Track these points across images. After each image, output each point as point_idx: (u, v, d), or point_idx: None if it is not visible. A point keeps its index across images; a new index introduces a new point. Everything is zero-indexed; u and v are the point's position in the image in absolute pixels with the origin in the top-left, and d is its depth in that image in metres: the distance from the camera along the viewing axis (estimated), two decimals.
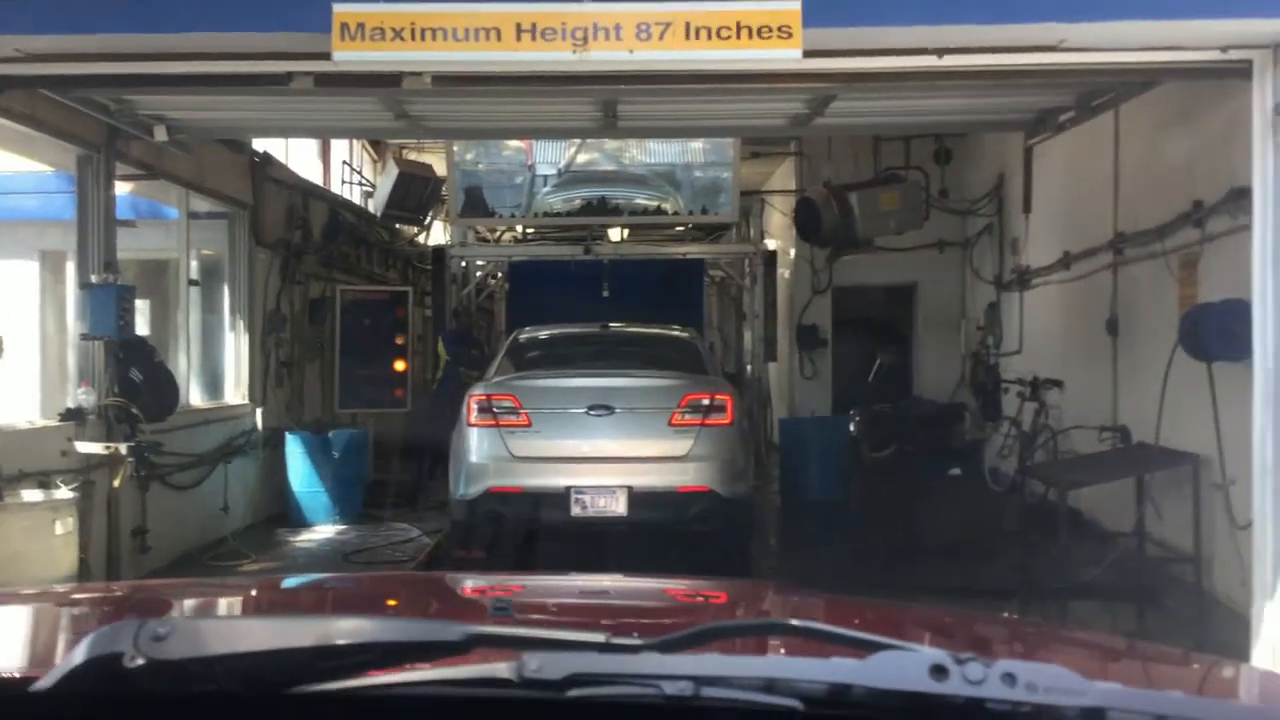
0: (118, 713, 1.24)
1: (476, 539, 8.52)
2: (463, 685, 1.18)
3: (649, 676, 1.14)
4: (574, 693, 1.13)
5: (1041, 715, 1.12)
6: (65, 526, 6.59)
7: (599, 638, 1.20)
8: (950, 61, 6.06)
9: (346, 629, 1.24)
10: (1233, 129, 6.98)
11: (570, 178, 14.61)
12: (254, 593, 2.64)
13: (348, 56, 5.51)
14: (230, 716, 1.24)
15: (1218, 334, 7.12)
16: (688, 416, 8.25)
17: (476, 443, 8.31)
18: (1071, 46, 5.93)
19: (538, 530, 8.28)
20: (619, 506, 8.07)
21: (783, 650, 1.36)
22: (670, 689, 1.13)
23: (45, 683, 1.21)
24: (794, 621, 1.32)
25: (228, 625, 1.29)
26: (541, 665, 1.12)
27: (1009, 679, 1.11)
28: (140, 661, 1.16)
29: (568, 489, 8.10)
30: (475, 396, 8.48)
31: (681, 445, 8.21)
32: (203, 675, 1.18)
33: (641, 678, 1.14)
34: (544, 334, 10.17)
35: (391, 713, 1.24)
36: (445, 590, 2.65)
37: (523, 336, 9.99)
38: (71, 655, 1.21)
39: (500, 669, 1.15)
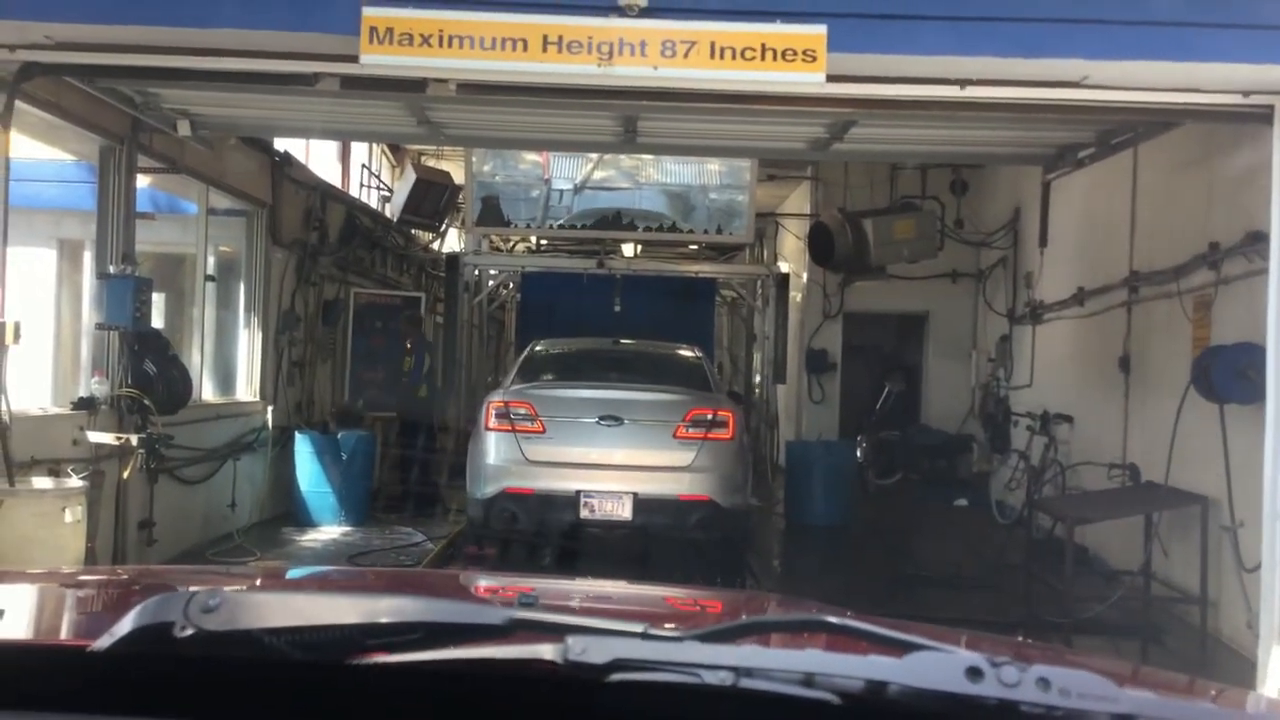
0: (167, 680, 1.26)
1: (491, 536, 8.93)
2: (507, 665, 1.20)
3: (690, 665, 1.15)
4: (616, 677, 1.15)
5: None
6: (74, 515, 6.59)
7: (639, 627, 1.22)
8: (972, 93, 6.10)
9: (392, 607, 1.25)
10: (1251, 173, 7.00)
11: (582, 214, 14.65)
12: (283, 578, 2.65)
13: (375, 60, 5.56)
14: (277, 687, 1.25)
15: (1230, 376, 7.13)
16: (691, 430, 8.64)
17: (494, 446, 8.72)
18: (1094, 83, 5.97)
19: (548, 530, 8.73)
20: (624, 511, 8.49)
21: (820, 647, 1.37)
22: (710, 678, 1.14)
23: (99, 645, 1.23)
24: (832, 619, 1.33)
25: (276, 599, 1.31)
26: (586, 648, 1.14)
27: (1043, 683, 1.11)
28: (189, 631, 1.18)
29: (578, 493, 8.50)
30: (494, 403, 8.90)
31: (685, 456, 8.60)
32: (251, 646, 1.20)
33: (683, 665, 1.15)
34: (559, 346, 10.54)
35: (433, 694, 1.25)
36: (464, 587, 2.67)
37: (539, 348, 10.33)
38: (123, 622, 1.23)
39: (545, 650, 1.16)
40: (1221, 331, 7.72)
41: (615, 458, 8.62)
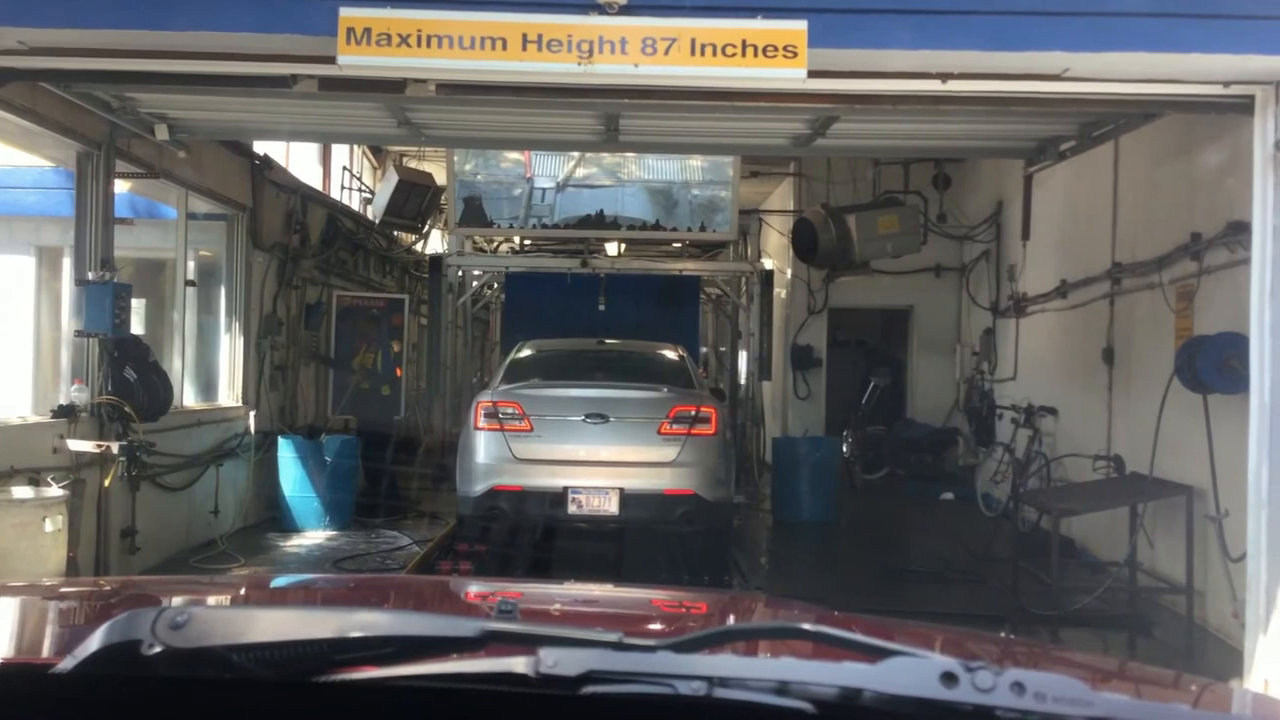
0: (136, 697, 1.24)
1: (482, 533, 9.19)
2: (479, 680, 1.18)
3: (663, 675, 1.15)
4: (589, 689, 1.14)
5: None
6: (55, 524, 6.53)
7: (613, 637, 1.20)
8: (954, 86, 6.08)
9: (363, 622, 1.24)
10: (1232, 163, 7.01)
11: (566, 218, 14.66)
12: (262, 589, 2.63)
13: (353, 61, 5.50)
14: (246, 705, 1.23)
15: (1214, 367, 7.14)
16: (675, 426, 8.89)
17: (483, 445, 8.93)
18: (1075, 76, 5.96)
19: (537, 526, 8.99)
20: (611, 506, 8.72)
21: (795, 654, 1.37)
22: (684, 688, 1.14)
23: (64, 666, 1.21)
24: (806, 626, 1.33)
25: (244, 615, 1.29)
26: (558, 661, 1.13)
27: (1018, 688, 1.11)
28: (158, 649, 1.17)
29: (565, 489, 8.73)
30: (482, 403, 9.10)
31: (669, 452, 8.85)
32: (219, 664, 1.18)
33: (656, 676, 1.15)
34: (545, 346, 10.69)
35: (407, 706, 1.24)
36: (448, 594, 2.65)
37: (525, 348, 10.50)
38: (89, 641, 1.21)
39: (517, 664, 1.15)
40: (1204, 322, 7.73)
41: (601, 454, 8.89)
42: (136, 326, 9.07)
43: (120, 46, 5.91)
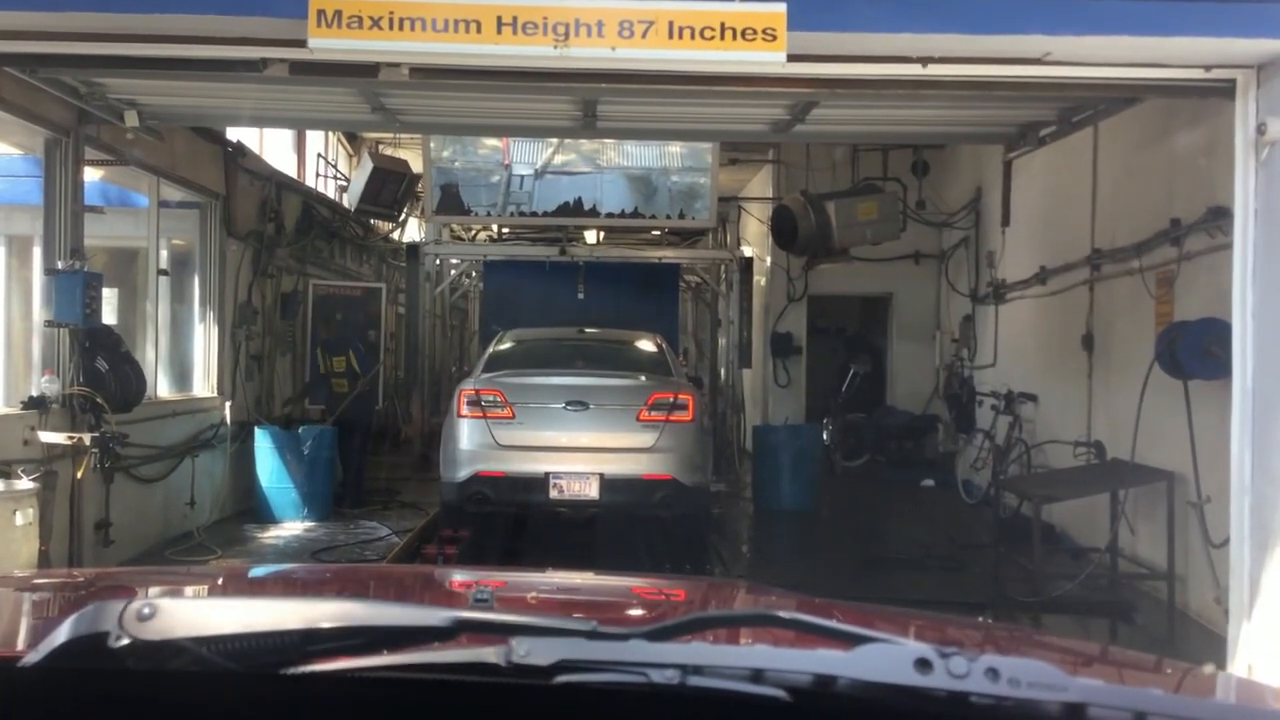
0: (104, 690, 1.23)
1: (465, 519, 9.38)
2: (451, 670, 1.18)
3: (636, 664, 1.14)
4: (561, 679, 1.13)
5: (1023, 710, 1.12)
6: (26, 517, 6.44)
7: (587, 625, 1.20)
8: (934, 70, 6.03)
9: (333, 612, 1.23)
10: (1212, 147, 7.00)
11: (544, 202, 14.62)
12: (236, 579, 2.60)
13: (324, 44, 5.41)
14: (215, 697, 1.22)
15: (1194, 353, 7.14)
16: (654, 413, 9.10)
17: (466, 432, 9.14)
18: (1056, 60, 5.91)
19: (519, 511, 9.25)
20: (592, 491, 8.93)
21: (769, 641, 1.38)
22: (657, 677, 1.13)
23: (30, 660, 1.20)
24: (781, 613, 1.32)
25: (213, 606, 1.28)
26: (530, 650, 1.12)
27: (992, 674, 1.11)
28: (125, 641, 1.15)
29: (547, 475, 8.94)
30: (465, 391, 9.30)
31: (647, 438, 9.05)
32: (187, 656, 1.17)
33: (629, 665, 1.14)
34: (526, 335, 10.88)
35: (379, 697, 1.23)
36: (424, 582, 2.62)
37: (507, 337, 10.68)
38: (56, 634, 1.20)
39: (488, 654, 1.14)
40: (1184, 307, 7.74)
41: (582, 441, 9.08)
42: (108, 316, 8.96)
43: (86, 30, 5.78)
